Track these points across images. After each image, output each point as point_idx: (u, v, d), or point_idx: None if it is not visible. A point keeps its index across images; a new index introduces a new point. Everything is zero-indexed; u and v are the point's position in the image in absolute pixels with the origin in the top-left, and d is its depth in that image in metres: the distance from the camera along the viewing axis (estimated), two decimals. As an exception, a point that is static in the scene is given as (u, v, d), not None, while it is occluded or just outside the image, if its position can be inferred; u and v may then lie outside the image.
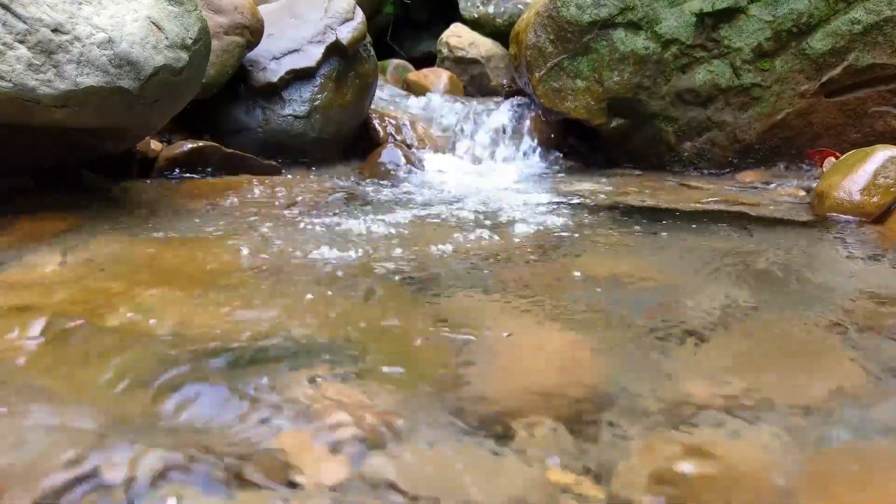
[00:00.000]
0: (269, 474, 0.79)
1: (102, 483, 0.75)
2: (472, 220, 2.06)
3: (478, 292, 1.43)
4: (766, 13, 2.81)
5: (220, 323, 1.20)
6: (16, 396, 0.94)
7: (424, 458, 0.85)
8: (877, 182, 2.16)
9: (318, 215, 2.05)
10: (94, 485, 0.75)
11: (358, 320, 1.26)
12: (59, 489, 0.74)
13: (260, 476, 0.79)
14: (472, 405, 0.98)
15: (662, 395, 1.02)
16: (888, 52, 2.73)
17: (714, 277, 1.58)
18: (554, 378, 1.09)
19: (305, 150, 2.99)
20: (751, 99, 2.90)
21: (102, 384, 0.99)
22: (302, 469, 0.81)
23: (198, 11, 2.09)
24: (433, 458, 0.85)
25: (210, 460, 0.80)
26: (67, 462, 0.78)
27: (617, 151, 3.18)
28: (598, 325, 1.28)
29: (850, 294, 1.48)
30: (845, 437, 0.93)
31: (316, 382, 1.01)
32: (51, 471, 0.77)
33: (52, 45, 1.71)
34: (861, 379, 1.10)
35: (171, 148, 2.54)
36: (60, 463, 0.78)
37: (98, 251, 1.60)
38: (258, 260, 1.58)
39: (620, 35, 2.95)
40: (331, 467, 0.82)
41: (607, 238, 1.91)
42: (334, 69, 3.08)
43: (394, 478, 0.80)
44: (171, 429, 0.88)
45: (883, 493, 0.83)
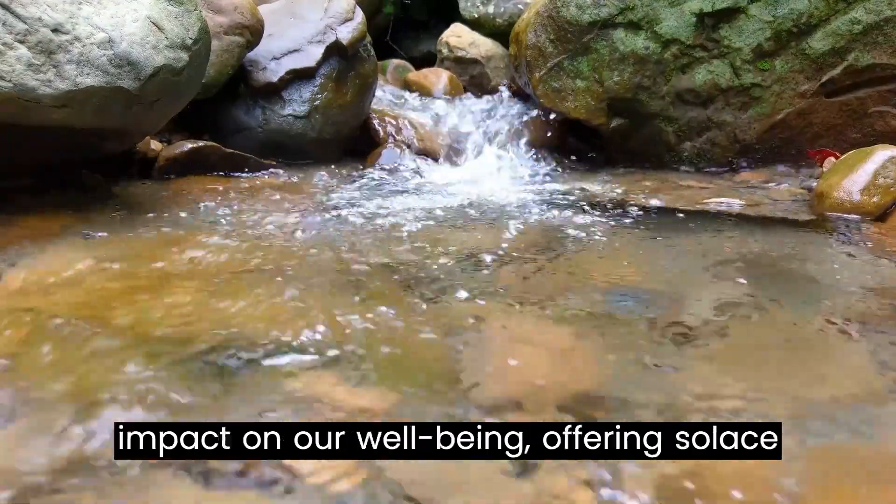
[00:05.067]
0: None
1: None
2: (471, 219, 2.05)
3: (477, 292, 1.43)
4: (766, 13, 2.81)
5: (220, 323, 1.20)
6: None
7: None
8: (877, 182, 2.16)
9: (318, 215, 2.05)
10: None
11: (356, 319, 1.26)
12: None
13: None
14: (470, 406, 0.98)
15: (663, 396, 1.02)
16: (888, 52, 2.73)
17: (714, 277, 1.58)
18: (553, 379, 1.08)
19: (305, 150, 2.99)
20: (751, 99, 2.90)
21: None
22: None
23: (198, 11, 2.09)
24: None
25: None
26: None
27: (617, 151, 3.18)
28: (597, 325, 1.28)
29: (850, 294, 1.48)
30: (847, 438, 0.93)
31: (311, 380, 1.01)
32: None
33: (52, 45, 1.71)
34: (862, 378, 1.10)
35: (171, 148, 2.54)
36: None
37: (98, 251, 1.60)
38: (258, 259, 1.58)
39: (620, 35, 2.95)
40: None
41: (607, 238, 1.91)
42: (334, 69, 3.08)
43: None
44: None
45: (886, 495, 0.83)
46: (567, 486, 0.81)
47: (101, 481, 0.79)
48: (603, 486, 0.81)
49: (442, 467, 0.84)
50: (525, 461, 0.85)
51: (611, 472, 0.84)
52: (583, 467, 0.84)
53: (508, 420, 0.94)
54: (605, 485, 0.81)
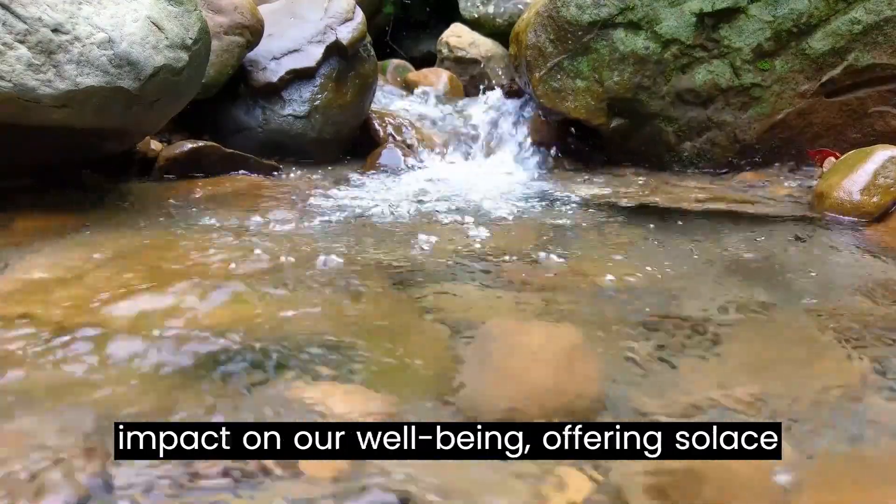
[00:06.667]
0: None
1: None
2: (470, 219, 2.05)
3: (476, 291, 1.43)
4: (766, 13, 2.81)
5: (220, 323, 1.20)
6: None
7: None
8: (877, 182, 2.16)
9: (318, 215, 2.05)
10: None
11: (355, 318, 1.26)
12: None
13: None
14: (467, 406, 0.98)
15: (663, 397, 1.02)
16: (888, 52, 2.73)
17: (713, 276, 1.58)
18: (552, 379, 1.08)
19: (305, 150, 2.99)
20: (751, 99, 2.90)
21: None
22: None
23: (198, 11, 2.09)
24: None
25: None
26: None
27: (617, 151, 3.18)
28: (597, 324, 1.28)
29: (850, 294, 1.48)
30: (847, 439, 0.93)
31: (310, 381, 1.02)
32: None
33: (52, 45, 1.71)
34: (861, 379, 1.10)
35: (171, 148, 2.54)
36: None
37: (98, 251, 1.60)
38: (258, 259, 1.58)
39: (620, 35, 2.95)
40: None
41: (607, 238, 1.91)
42: (334, 69, 3.08)
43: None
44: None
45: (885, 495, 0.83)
46: (567, 486, 0.81)
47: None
48: (603, 485, 0.81)
49: (442, 467, 0.84)
50: (525, 461, 0.85)
51: (611, 472, 0.84)
52: (583, 467, 0.84)
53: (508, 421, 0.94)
54: (604, 485, 0.81)
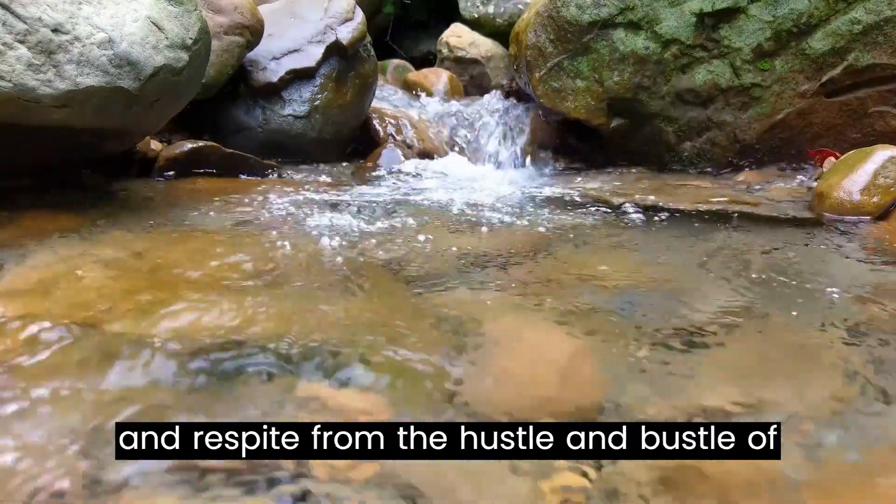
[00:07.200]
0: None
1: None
2: (470, 219, 2.05)
3: (475, 291, 1.43)
4: (766, 13, 2.81)
5: (220, 323, 1.20)
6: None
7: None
8: (877, 182, 2.16)
9: (318, 215, 2.05)
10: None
11: (355, 319, 1.26)
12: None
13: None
14: (467, 408, 0.98)
15: (665, 398, 1.02)
16: (888, 52, 2.73)
17: (714, 277, 1.58)
18: (553, 380, 1.09)
19: (305, 150, 2.99)
20: (751, 99, 2.90)
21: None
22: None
23: (198, 11, 2.09)
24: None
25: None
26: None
27: (617, 151, 3.18)
28: (597, 325, 1.28)
29: (850, 294, 1.48)
30: (848, 441, 0.93)
31: (310, 381, 1.02)
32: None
33: (52, 45, 1.71)
34: (860, 380, 1.10)
35: (171, 148, 2.54)
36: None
37: (98, 250, 1.60)
38: (258, 259, 1.58)
39: (620, 35, 2.95)
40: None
41: (607, 238, 1.91)
42: (334, 69, 3.08)
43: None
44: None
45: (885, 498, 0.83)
46: (567, 486, 0.81)
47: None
48: (602, 486, 0.81)
49: (442, 467, 0.84)
50: (525, 461, 0.85)
51: (610, 471, 0.84)
52: (583, 467, 0.84)
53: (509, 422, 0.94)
54: (604, 485, 0.81)
